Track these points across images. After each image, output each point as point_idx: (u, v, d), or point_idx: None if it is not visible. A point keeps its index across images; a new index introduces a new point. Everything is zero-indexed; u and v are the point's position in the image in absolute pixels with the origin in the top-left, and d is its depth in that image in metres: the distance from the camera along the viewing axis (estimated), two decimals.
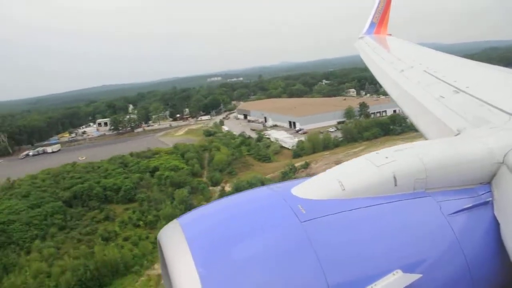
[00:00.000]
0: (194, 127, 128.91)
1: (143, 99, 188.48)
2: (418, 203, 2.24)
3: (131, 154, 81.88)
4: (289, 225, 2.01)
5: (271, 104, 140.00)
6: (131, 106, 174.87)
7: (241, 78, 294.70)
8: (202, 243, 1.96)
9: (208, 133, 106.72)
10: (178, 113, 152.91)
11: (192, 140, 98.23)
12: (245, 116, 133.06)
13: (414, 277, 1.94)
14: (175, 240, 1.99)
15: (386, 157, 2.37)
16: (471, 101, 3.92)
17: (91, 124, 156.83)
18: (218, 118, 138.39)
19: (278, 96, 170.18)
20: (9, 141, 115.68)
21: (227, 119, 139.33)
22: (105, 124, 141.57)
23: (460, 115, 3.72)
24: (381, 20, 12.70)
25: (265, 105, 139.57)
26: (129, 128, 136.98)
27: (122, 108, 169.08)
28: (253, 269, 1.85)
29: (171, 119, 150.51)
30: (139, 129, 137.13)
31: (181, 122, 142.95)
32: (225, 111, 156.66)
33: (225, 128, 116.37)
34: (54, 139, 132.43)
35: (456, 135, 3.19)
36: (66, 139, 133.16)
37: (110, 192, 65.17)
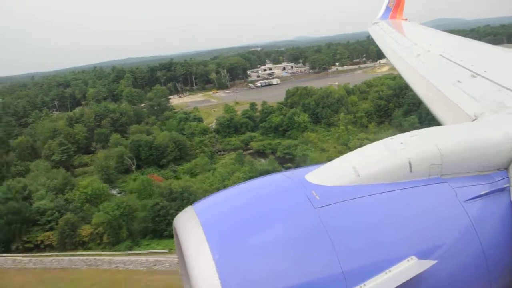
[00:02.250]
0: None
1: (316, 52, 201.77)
2: (434, 189, 2.21)
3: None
4: (303, 211, 2.02)
5: None
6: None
7: (282, 48, 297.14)
8: (217, 229, 1.98)
9: None
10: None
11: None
12: None
13: (428, 263, 1.93)
14: (191, 227, 2.01)
15: (401, 143, 2.35)
16: (489, 85, 3.84)
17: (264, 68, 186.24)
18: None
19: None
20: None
21: None
22: (291, 67, 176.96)
23: (477, 100, 3.64)
24: (396, 4, 12.44)
25: None
26: (322, 69, 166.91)
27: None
28: (268, 255, 1.87)
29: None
30: (333, 69, 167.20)
31: (369, 64, 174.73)
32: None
33: None
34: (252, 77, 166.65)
35: (473, 121, 3.13)
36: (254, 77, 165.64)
37: None
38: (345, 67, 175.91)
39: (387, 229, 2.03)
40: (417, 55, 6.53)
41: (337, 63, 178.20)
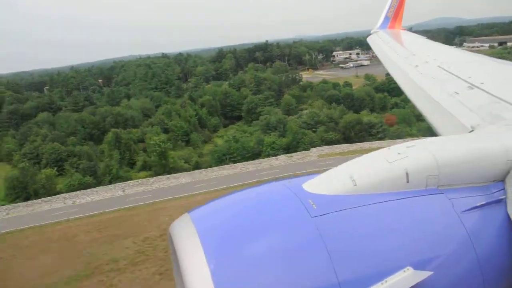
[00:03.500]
0: None
1: None
2: (430, 200, 2.22)
3: None
4: (300, 220, 2.01)
5: None
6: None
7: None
8: (213, 238, 1.97)
9: None
10: None
11: None
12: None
13: (425, 274, 1.93)
14: (187, 234, 2.00)
15: (399, 153, 2.35)
16: (486, 97, 3.87)
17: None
18: None
19: None
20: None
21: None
22: (357, 54, 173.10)
23: (474, 111, 3.66)
24: (395, 14, 12.58)
25: None
26: None
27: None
28: (264, 265, 1.86)
29: None
30: None
31: None
32: None
33: None
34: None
35: (470, 132, 3.15)
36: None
37: None
38: None
39: (384, 239, 2.03)
40: (415, 65, 6.59)
41: None
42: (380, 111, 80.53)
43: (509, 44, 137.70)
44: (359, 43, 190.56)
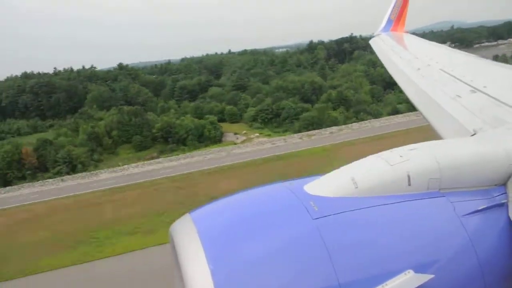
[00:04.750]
0: None
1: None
2: (432, 203, 2.21)
3: None
4: (301, 222, 2.01)
5: None
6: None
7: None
8: (214, 238, 1.97)
9: None
10: None
11: None
12: None
13: (426, 277, 1.93)
14: (187, 235, 2.00)
15: (401, 156, 2.35)
16: (488, 101, 3.86)
17: None
18: None
19: None
20: None
21: None
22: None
23: (476, 115, 3.66)
24: (398, 17, 12.58)
25: None
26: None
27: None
28: (265, 266, 1.86)
29: None
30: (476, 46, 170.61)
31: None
32: None
33: None
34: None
35: (472, 135, 3.14)
36: None
37: None
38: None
39: (385, 242, 2.02)
40: (417, 68, 6.59)
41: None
42: None
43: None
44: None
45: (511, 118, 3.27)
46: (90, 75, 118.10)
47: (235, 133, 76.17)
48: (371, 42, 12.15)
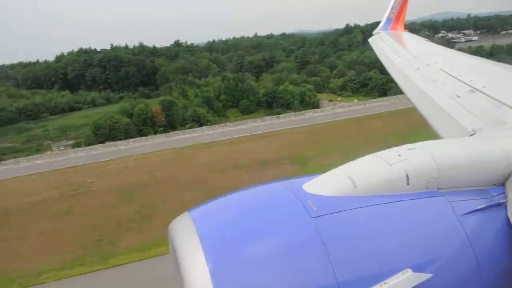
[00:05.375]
0: None
1: None
2: (430, 202, 2.22)
3: None
4: (300, 220, 2.01)
5: None
6: None
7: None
8: (213, 237, 1.97)
9: None
10: None
11: None
12: None
13: (424, 276, 1.93)
14: (186, 233, 2.01)
15: (399, 155, 2.36)
16: (487, 101, 3.85)
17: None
18: None
19: None
20: None
21: None
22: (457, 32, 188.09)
23: (475, 115, 3.65)
24: (397, 16, 12.46)
25: None
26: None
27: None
28: (263, 265, 1.86)
29: None
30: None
31: None
32: None
33: None
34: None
35: (471, 135, 3.15)
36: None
37: None
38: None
39: (383, 240, 2.02)
40: (416, 68, 6.58)
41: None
42: None
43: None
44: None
45: (510, 118, 3.27)
46: (152, 51, 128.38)
47: (330, 100, 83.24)
48: (370, 40, 11.96)
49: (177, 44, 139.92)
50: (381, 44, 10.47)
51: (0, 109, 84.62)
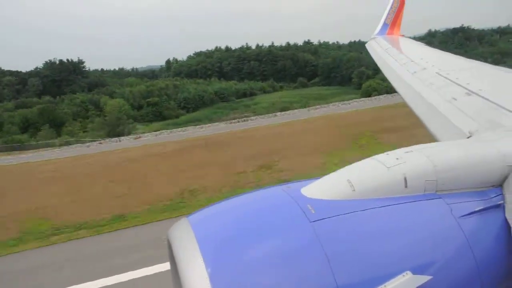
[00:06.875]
0: None
1: None
2: (429, 205, 2.22)
3: None
4: (299, 224, 2.02)
5: None
6: None
7: None
8: (212, 242, 1.97)
9: None
10: None
11: None
12: None
13: (424, 278, 1.94)
14: (185, 239, 2.01)
15: (397, 158, 2.37)
16: (484, 103, 3.87)
17: None
18: None
19: None
20: None
21: None
22: None
23: (472, 117, 3.67)
24: (394, 21, 12.62)
25: None
26: None
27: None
28: (262, 269, 1.86)
29: None
30: None
31: None
32: None
33: None
34: None
35: (467, 138, 3.17)
36: None
37: None
38: None
39: (382, 243, 2.03)
40: (413, 72, 6.62)
41: None
42: None
43: None
44: None
45: (507, 120, 3.29)
46: (297, 47, 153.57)
47: None
48: (367, 45, 12.07)
49: (319, 44, 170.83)
50: (378, 48, 10.58)
51: (201, 94, 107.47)
